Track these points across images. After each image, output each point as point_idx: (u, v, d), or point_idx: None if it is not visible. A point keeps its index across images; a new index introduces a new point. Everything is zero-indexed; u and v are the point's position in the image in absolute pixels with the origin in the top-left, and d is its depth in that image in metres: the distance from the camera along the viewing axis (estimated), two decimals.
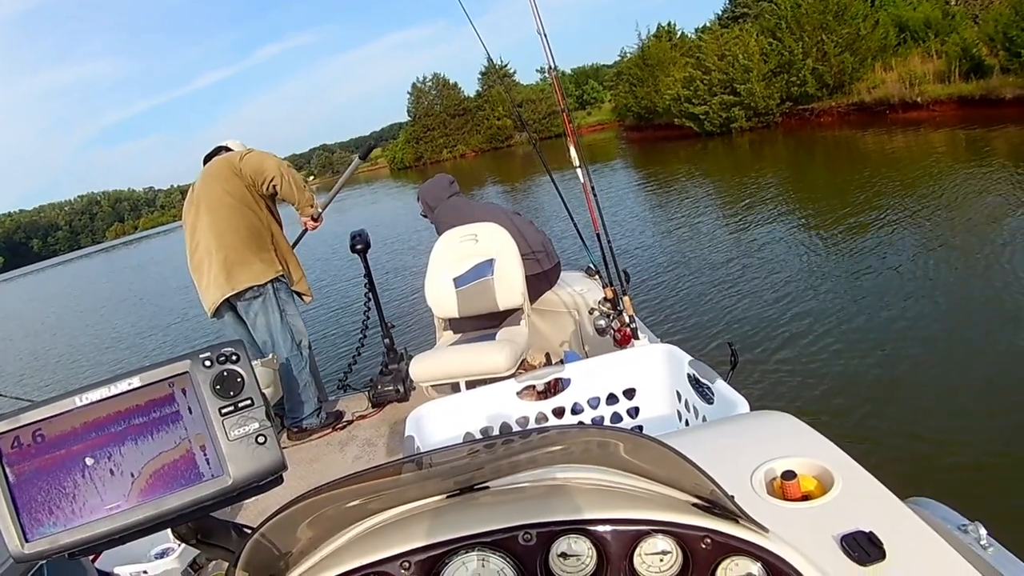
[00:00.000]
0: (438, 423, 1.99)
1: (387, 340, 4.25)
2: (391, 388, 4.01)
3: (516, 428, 2.07)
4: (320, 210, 3.99)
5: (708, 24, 32.59)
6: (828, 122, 19.37)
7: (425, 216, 4.11)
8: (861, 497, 1.02)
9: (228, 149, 3.83)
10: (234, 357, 0.79)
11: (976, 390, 4.07)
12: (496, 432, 2.07)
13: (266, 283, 3.61)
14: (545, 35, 2.96)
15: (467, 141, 52.21)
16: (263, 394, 0.79)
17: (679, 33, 31.03)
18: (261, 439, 0.78)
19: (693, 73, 22.59)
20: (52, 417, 0.77)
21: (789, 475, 1.06)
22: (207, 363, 0.79)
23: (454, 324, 3.73)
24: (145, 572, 2.73)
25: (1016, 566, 0.99)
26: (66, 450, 0.77)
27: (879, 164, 11.98)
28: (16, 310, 30.71)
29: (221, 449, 0.77)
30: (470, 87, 57.43)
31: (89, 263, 60.82)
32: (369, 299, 4.34)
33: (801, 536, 0.88)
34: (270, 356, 3.60)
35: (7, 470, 0.75)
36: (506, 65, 51.36)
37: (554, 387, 2.21)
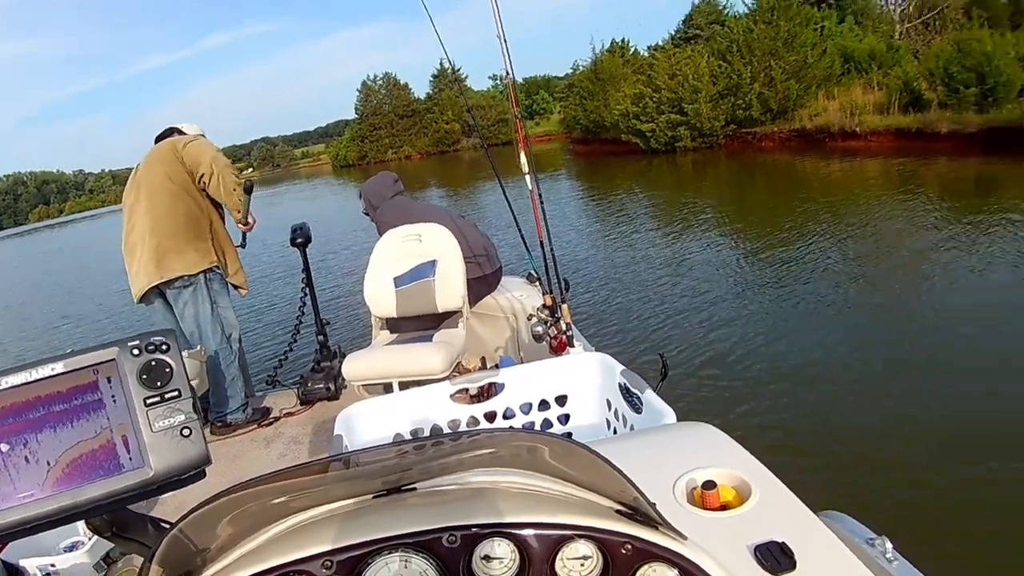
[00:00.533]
0: (368, 423, 1.97)
1: (321, 337, 4.19)
2: (322, 386, 3.96)
3: (447, 431, 2.07)
4: (248, 217, 3.81)
5: (661, 43, 33.04)
6: (769, 146, 19.83)
7: (367, 214, 4.06)
8: (776, 508, 1.06)
9: (181, 132, 3.72)
10: (164, 347, 0.78)
11: (890, 410, 4.27)
12: (427, 434, 2.07)
13: (198, 273, 3.52)
14: (505, 40, 2.97)
15: (413, 143, 51.73)
16: (191, 386, 0.78)
17: (632, 50, 31.37)
18: (186, 432, 0.76)
19: (643, 90, 22.82)
20: None
21: (709, 485, 1.09)
22: (135, 351, 0.77)
23: (391, 324, 3.70)
24: (53, 566, 2.62)
25: None
26: None
27: (815, 190, 12.42)
28: None
29: (143, 440, 0.75)
30: (421, 89, 56.92)
31: (5, 245, 58.04)
32: (305, 294, 4.27)
33: (718, 544, 0.91)
34: (198, 348, 3.51)
35: None
36: (459, 69, 51.32)
37: (488, 391, 2.22)
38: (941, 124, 15.00)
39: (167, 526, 0.90)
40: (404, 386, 3.09)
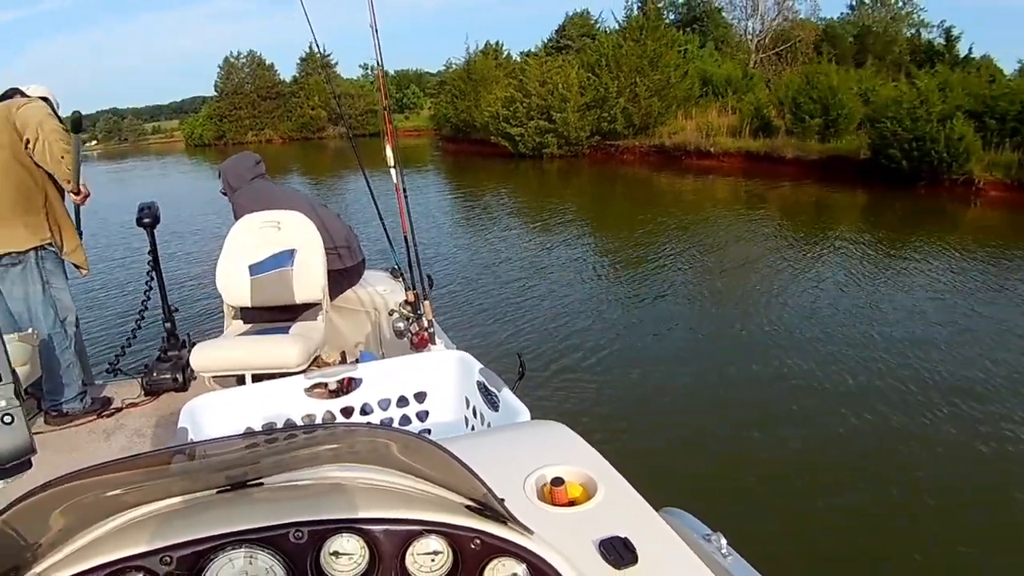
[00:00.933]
0: (216, 416, 1.88)
1: (168, 324, 3.95)
2: (168, 376, 3.75)
3: (301, 426, 2.02)
4: (80, 186, 3.43)
5: (534, 50, 33.43)
6: (630, 159, 20.65)
7: (224, 194, 3.87)
8: (620, 505, 1.12)
9: (24, 95, 3.37)
10: None
11: (729, 414, 4.59)
12: (280, 429, 2.01)
13: (27, 250, 3.23)
14: (376, 30, 2.93)
15: (276, 126, 49.51)
16: (13, 371, 0.72)
17: (505, 53, 31.68)
18: (8, 419, 0.71)
19: (514, 95, 23.00)
20: None
21: (557, 482, 1.14)
22: None
23: (245, 314, 3.54)
24: None
25: (750, 573, 1.13)
26: None
27: (671, 204, 13.15)
28: None
29: None
30: (287, 72, 54.63)
31: None
32: (152, 278, 4.00)
33: (564, 539, 0.95)
34: (29, 331, 3.22)
35: None
36: (329, 55, 49.86)
37: (346, 386, 2.18)
38: (787, 150, 16.32)
39: None
40: (257, 379, 2.97)
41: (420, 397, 2.15)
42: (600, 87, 21.25)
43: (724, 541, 1.17)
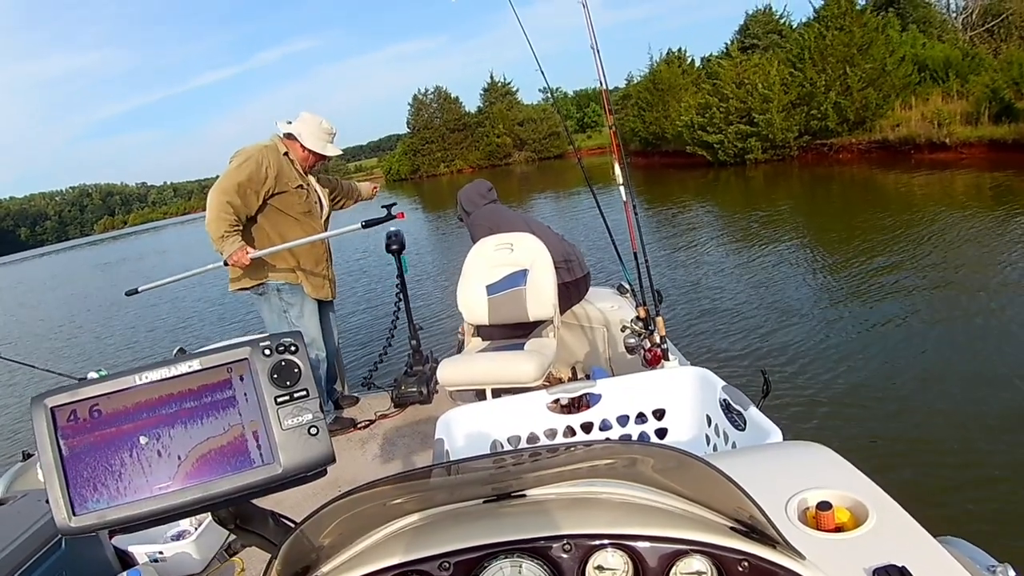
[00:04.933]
0: (467, 428, 1.99)
1: (414, 342, 4.26)
2: (415, 390, 4.03)
3: (544, 439, 2.07)
4: (222, 253, 3.47)
5: (716, 54, 31.55)
6: (847, 158, 18.81)
7: (461, 220, 4.14)
8: (894, 532, 1.02)
9: (290, 136, 3.67)
10: (293, 348, 0.80)
11: (1005, 435, 4.02)
12: (524, 442, 2.07)
13: (260, 284, 3.65)
14: (598, 50, 2.96)
15: (465, 156, 51.49)
16: (319, 386, 0.80)
17: (689, 60, 30.27)
18: (313, 430, 0.78)
19: (709, 100, 21.90)
20: (111, 394, 0.77)
21: (824, 506, 1.06)
22: (267, 352, 0.79)
23: (483, 331, 3.74)
24: (161, 552, 2.76)
25: None
26: (119, 427, 0.77)
27: (900, 205, 11.58)
28: None
29: (274, 437, 0.77)
30: (471, 103, 56.87)
31: (77, 254, 61.25)
32: (400, 299, 4.35)
33: (835, 566, 0.89)
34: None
35: (61, 443, 0.76)
36: (509, 83, 51.33)
37: (581, 402, 2.20)
38: None
39: (286, 521, 0.93)
40: (496, 393, 3.10)
41: (659, 414, 2.11)
42: (805, 82, 19.67)
43: (1012, 573, 1.03)
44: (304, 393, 0.79)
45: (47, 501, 0.76)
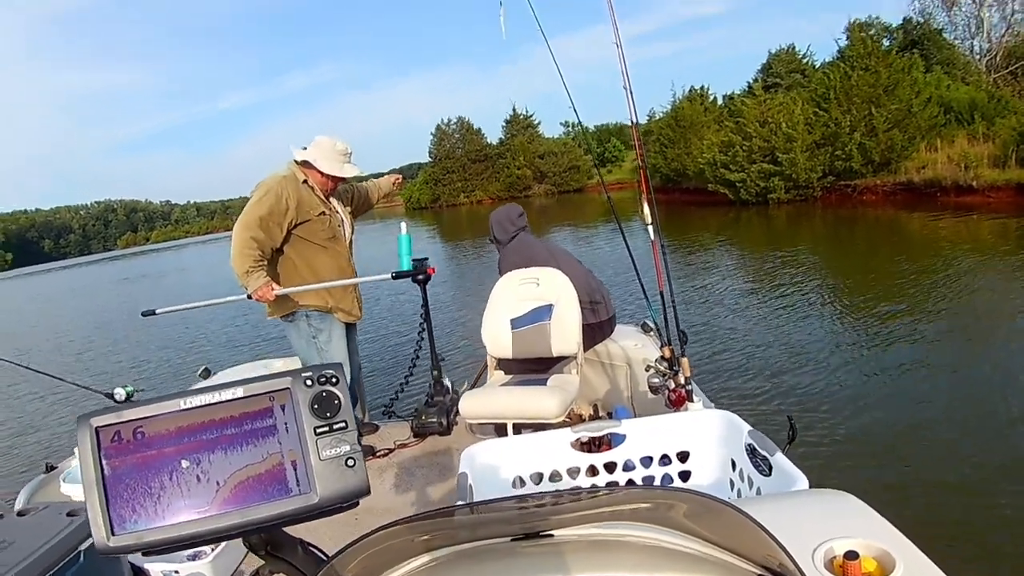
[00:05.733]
0: (490, 463, 1.98)
1: (435, 372, 4.25)
2: (435, 420, 4.03)
3: (567, 477, 2.06)
4: (247, 288, 3.52)
5: (739, 92, 31.49)
6: (872, 200, 18.61)
7: (491, 242, 4.19)
8: None
9: (307, 163, 3.71)
10: (334, 379, 0.81)
11: None
12: (547, 479, 2.07)
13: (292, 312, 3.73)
14: (631, 91, 2.99)
15: (485, 187, 51.53)
16: (357, 419, 0.81)
17: (711, 97, 30.39)
18: (351, 462, 0.79)
19: (732, 138, 21.75)
20: (154, 416, 0.79)
21: (851, 555, 1.05)
22: (308, 382, 0.81)
23: (505, 365, 3.74)
24: (176, 572, 2.77)
25: None
26: (160, 450, 0.79)
27: (925, 249, 11.43)
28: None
29: (312, 467, 0.79)
30: (493, 134, 57.47)
31: (100, 269, 62.03)
32: (423, 329, 4.37)
33: None
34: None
35: (104, 463, 0.77)
36: (531, 115, 51.67)
37: (603, 440, 2.20)
38: None
39: (314, 550, 0.94)
40: (517, 428, 3.10)
41: (683, 456, 2.10)
42: (830, 122, 19.54)
43: None
44: (343, 425, 0.80)
45: (67, 514, 0.77)
